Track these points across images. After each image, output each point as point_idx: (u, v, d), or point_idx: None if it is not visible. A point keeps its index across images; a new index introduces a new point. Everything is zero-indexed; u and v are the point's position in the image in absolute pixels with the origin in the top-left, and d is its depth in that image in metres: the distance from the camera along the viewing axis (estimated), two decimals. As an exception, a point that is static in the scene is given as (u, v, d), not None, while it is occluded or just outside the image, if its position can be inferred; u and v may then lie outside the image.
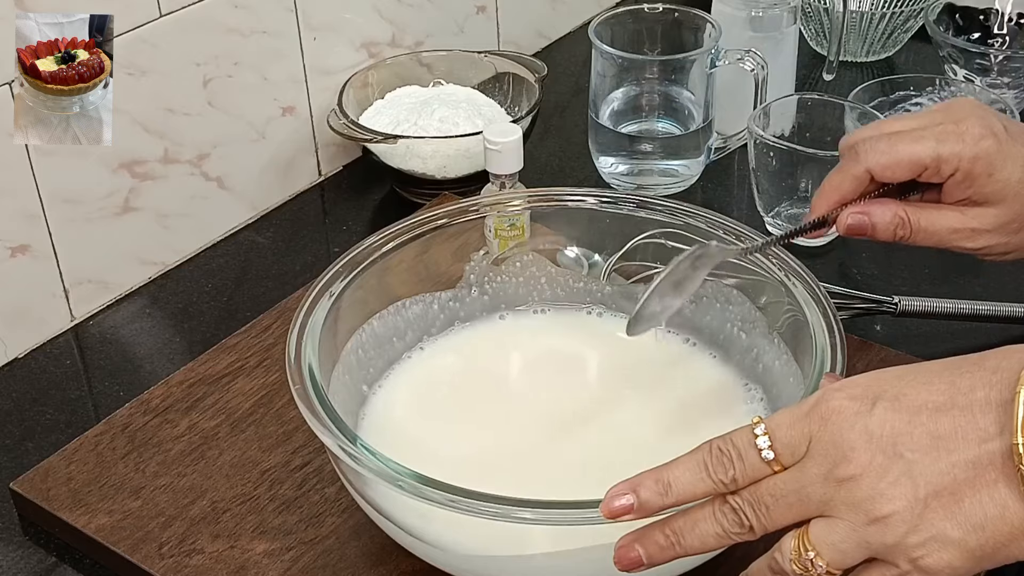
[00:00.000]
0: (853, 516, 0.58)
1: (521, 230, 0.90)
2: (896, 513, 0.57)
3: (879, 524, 0.58)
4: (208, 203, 1.08)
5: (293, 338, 0.75)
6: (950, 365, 0.60)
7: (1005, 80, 1.19)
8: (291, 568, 0.75)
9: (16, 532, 0.82)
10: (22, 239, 0.94)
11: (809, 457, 0.59)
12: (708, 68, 1.10)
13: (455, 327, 0.88)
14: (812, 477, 0.59)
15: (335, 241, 1.11)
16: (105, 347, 0.98)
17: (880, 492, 0.57)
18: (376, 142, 1.09)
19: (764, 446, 0.60)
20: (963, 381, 0.58)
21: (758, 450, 0.60)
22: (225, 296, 1.04)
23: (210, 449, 0.83)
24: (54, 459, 0.83)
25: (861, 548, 0.58)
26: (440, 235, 0.86)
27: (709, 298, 0.85)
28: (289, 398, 0.75)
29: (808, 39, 1.33)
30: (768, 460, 0.60)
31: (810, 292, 0.77)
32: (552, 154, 1.21)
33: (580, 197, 0.87)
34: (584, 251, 0.89)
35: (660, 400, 0.82)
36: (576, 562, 0.68)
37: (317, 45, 1.13)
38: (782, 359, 0.79)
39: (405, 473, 0.66)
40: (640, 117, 1.14)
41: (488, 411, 0.82)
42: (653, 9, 1.15)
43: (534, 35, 1.38)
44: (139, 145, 1.00)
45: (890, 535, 0.58)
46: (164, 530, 0.77)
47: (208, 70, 1.04)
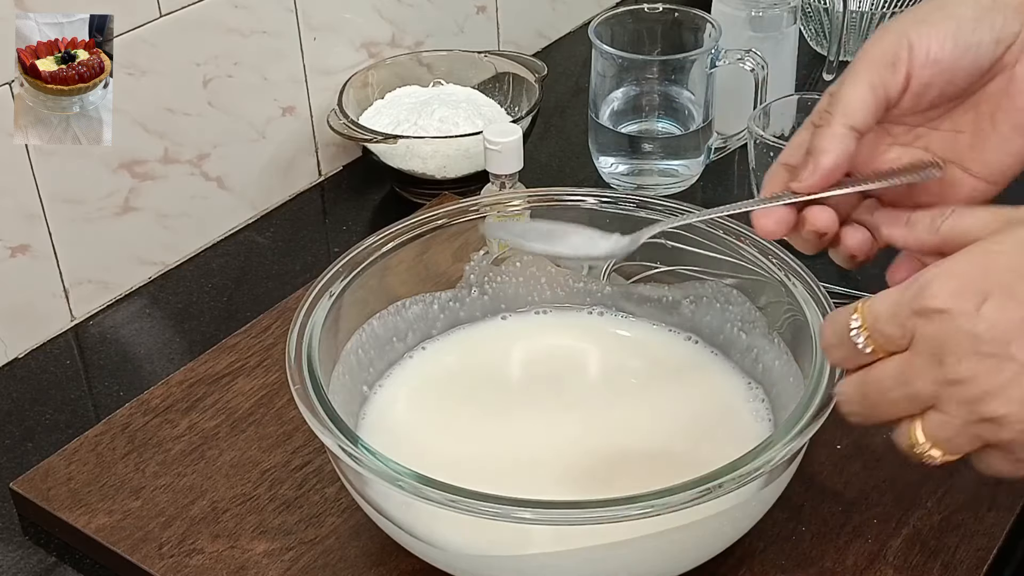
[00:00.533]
0: (966, 415, 0.57)
1: (521, 230, 0.90)
2: (1011, 414, 0.56)
3: (993, 423, 0.56)
4: (208, 203, 1.08)
5: (293, 338, 0.75)
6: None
7: (1005, 80, 1.19)
8: (291, 568, 0.75)
9: (16, 532, 0.82)
10: (22, 239, 0.94)
11: (915, 353, 0.57)
12: (708, 68, 1.10)
13: (456, 327, 0.88)
14: (918, 373, 0.57)
15: (335, 241, 1.11)
16: (105, 347, 0.98)
17: (992, 394, 0.56)
18: (376, 142, 1.09)
19: (859, 341, 0.59)
20: None
21: (853, 343, 0.59)
22: (225, 296, 1.04)
23: (210, 449, 0.83)
24: (54, 459, 0.83)
25: (976, 441, 0.58)
26: (440, 235, 0.85)
27: (709, 298, 0.85)
28: (289, 398, 0.75)
29: (808, 39, 1.33)
30: (866, 352, 0.59)
31: (810, 292, 0.77)
32: (552, 154, 1.21)
33: (580, 197, 0.87)
34: (584, 251, 0.89)
35: (662, 400, 0.82)
36: (576, 562, 0.68)
37: (317, 45, 1.13)
38: (782, 359, 0.80)
39: (405, 473, 0.66)
40: (640, 117, 1.14)
41: (488, 411, 0.82)
42: (653, 9, 1.15)
43: (534, 35, 1.38)
44: (139, 145, 1.00)
45: (1005, 433, 0.57)
46: (164, 530, 0.77)
47: (208, 70, 1.04)
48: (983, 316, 0.55)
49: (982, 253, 0.57)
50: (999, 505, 0.78)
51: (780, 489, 0.72)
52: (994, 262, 0.57)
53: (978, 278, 0.56)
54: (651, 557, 0.69)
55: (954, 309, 0.56)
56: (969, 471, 0.80)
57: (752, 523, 0.73)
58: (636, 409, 0.81)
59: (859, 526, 0.77)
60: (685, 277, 0.86)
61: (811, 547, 0.76)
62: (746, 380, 0.83)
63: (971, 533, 0.76)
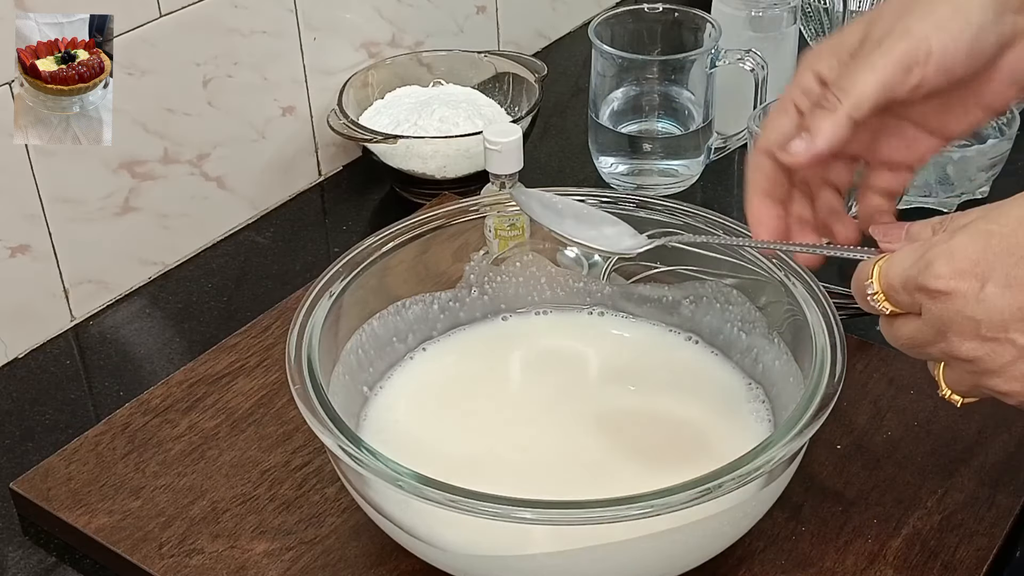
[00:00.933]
0: (974, 379, 0.61)
1: (521, 230, 0.90)
2: (1013, 391, 0.60)
3: (1001, 394, 0.61)
4: (208, 203, 1.08)
5: (293, 338, 0.75)
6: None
7: (1005, 80, 1.19)
8: (291, 568, 0.75)
9: (16, 532, 0.82)
10: (22, 239, 0.94)
11: (925, 323, 0.61)
12: (708, 68, 1.10)
13: (456, 328, 0.88)
14: (929, 341, 0.61)
15: (335, 241, 1.11)
16: (105, 347, 0.98)
17: (994, 373, 0.60)
18: (376, 142, 1.09)
19: (876, 305, 0.63)
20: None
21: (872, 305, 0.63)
22: (225, 296, 1.04)
23: (210, 449, 0.83)
24: (54, 459, 0.83)
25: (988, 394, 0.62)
26: (440, 235, 0.86)
27: (709, 298, 0.85)
28: (289, 398, 0.75)
29: (808, 39, 1.33)
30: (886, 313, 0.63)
31: (810, 292, 0.77)
32: (552, 154, 1.21)
33: (580, 197, 0.87)
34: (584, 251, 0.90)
35: (662, 400, 0.82)
36: (576, 562, 0.68)
37: (317, 45, 1.13)
38: (782, 359, 0.80)
39: (405, 473, 0.66)
40: (640, 117, 1.14)
41: (488, 411, 0.82)
42: (653, 9, 1.15)
43: (534, 35, 1.38)
44: (139, 145, 1.00)
45: (1011, 400, 0.61)
46: (164, 530, 0.77)
47: (208, 70, 1.04)
48: (982, 301, 0.58)
49: (983, 233, 0.59)
50: (999, 505, 0.78)
51: (780, 489, 0.72)
52: (994, 243, 0.59)
53: (978, 259, 0.58)
54: (651, 557, 0.69)
55: (955, 292, 0.59)
56: (969, 471, 0.80)
57: (752, 523, 0.73)
58: (636, 409, 0.81)
59: (859, 526, 0.77)
60: (685, 277, 0.86)
61: (811, 547, 0.75)
62: (746, 380, 0.83)
63: (971, 533, 0.76)
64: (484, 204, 0.87)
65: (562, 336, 0.88)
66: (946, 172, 1.06)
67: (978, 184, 1.08)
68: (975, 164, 1.06)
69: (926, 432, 0.83)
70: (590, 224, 0.77)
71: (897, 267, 0.62)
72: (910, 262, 0.61)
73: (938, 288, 0.59)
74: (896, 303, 0.62)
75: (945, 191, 1.07)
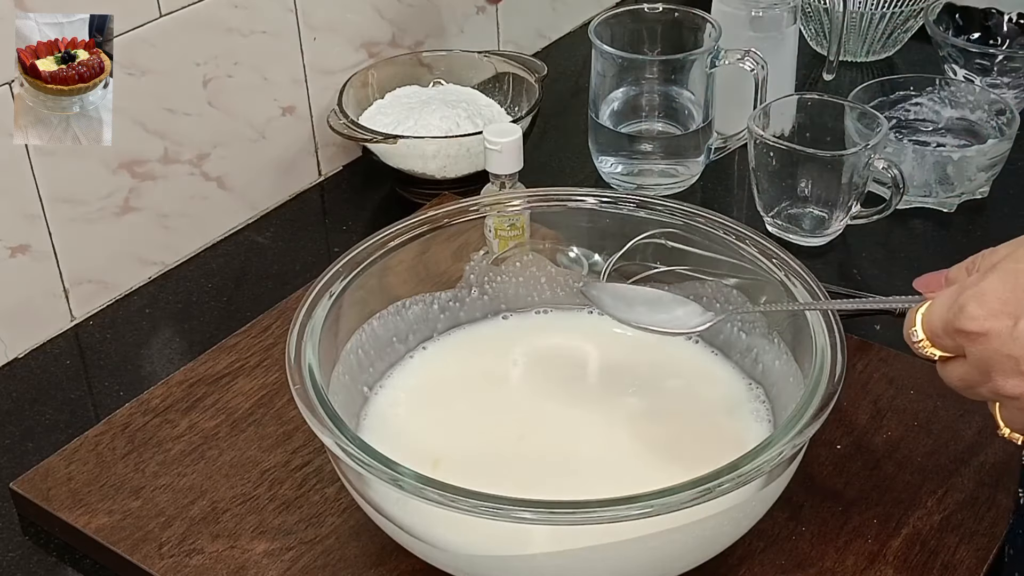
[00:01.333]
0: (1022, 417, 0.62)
1: (521, 230, 0.90)
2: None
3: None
4: (208, 203, 1.08)
5: (293, 338, 0.75)
6: None
7: (1005, 80, 1.19)
8: (291, 568, 0.75)
9: (16, 532, 0.82)
10: (22, 239, 0.94)
11: (970, 365, 0.62)
12: (708, 68, 1.10)
13: (456, 327, 0.88)
14: (977, 382, 0.62)
15: (335, 241, 1.11)
16: (105, 347, 0.98)
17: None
18: (376, 142, 1.09)
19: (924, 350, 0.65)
20: None
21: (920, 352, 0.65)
22: (225, 296, 1.04)
23: (210, 449, 0.83)
24: (54, 459, 0.83)
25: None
26: (440, 235, 0.86)
27: (709, 298, 0.85)
28: (289, 398, 0.75)
29: (808, 39, 1.33)
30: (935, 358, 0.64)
31: (810, 292, 0.77)
32: (552, 154, 1.21)
33: (580, 197, 0.87)
34: (584, 251, 0.89)
35: (662, 400, 0.82)
36: (576, 562, 0.68)
37: (317, 45, 1.13)
38: (782, 359, 0.80)
39: (405, 473, 0.66)
40: (640, 117, 1.14)
41: (488, 411, 0.82)
42: (653, 9, 1.15)
43: (534, 35, 1.38)
44: (139, 145, 1.00)
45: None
46: (164, 530, 0.77)
47: (208, 70, 1.04)
48: (1017, 338, 0.60)
49: (1011, 272, 0.61)
50: (999, 505, 0.78)
51: (780, 489, 0.72)
52: (1022, 280, 0.60)
53: (1007, 299, 0.60)
54: (651, 557, 0.69)
55: (991, 332, 0.60)
56: (969, 471, 0.80)
57: (752, 523, 0.73)
58: (636, 409, 0.81)
59: (859, 526, 0.77)
60: (685, 277, 0.86)
61: (811, 547, 0.75)
62: (746, 380, 0.83)
63: (971, 533, 0.76)
64: (484, 204, 0.87)
65: (562, 336, 0.88)
66: (946, 172, 1.06)
67: (978, 184, 1.08)
68: (975, 164, 1.06)
69: (926, 432, 0.83)
70: (661, 307, 0.78)
71: (936, 313, 0.63)
72: (947, 307, 0.62)
73: (974, 330, 0.61)
74: (942, 348, 0.64)
75: (945, 191, 1.07)
